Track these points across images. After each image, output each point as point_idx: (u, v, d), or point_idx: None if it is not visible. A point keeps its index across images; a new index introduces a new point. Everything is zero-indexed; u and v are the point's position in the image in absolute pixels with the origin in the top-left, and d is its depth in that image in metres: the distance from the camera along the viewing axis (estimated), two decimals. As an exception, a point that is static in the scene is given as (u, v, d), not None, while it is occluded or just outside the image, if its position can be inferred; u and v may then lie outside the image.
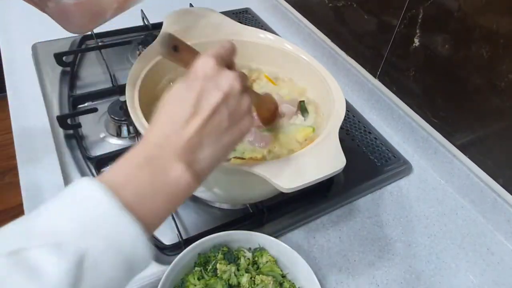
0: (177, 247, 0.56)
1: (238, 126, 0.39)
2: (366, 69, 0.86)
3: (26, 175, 0.64)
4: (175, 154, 0.35)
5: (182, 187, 0.35)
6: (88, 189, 0.31)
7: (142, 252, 0.31)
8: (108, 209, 0.30)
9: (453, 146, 0.72)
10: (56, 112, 0.74)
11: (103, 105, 0.75)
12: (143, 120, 0.51)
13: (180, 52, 0.41)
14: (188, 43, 0.43)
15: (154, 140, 0.36)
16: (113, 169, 0.34)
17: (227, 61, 0.41)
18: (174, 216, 0.59)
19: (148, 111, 0.58)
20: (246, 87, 0.40)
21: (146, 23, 0.95)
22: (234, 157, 0.55)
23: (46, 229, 0.29)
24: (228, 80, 0.37)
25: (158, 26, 0.70)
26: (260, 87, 0.68)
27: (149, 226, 0.32)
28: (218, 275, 0.50)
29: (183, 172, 0.35)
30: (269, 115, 0.60)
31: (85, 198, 0.30)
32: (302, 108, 0.64)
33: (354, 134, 0.80)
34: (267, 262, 0.52)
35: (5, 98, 0.77)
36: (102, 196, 0.30)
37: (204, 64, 0.37)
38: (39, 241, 0.28)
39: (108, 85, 0.79)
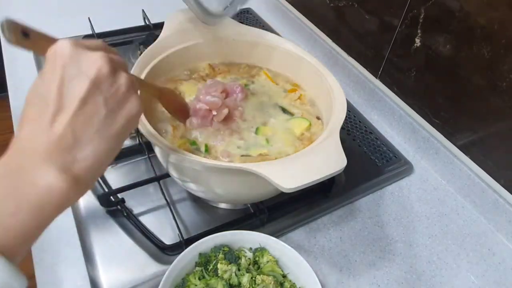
0: (178, 247, 0.56)
1: (123, 111, 0.33)
2: (367, 69, 0.86)
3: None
4: (42, 158, 0.29)
5: (56, 195, 0.29)
6: None
7: (3, 280, 0.26)
8: None
9: (454, 146, 0.72)
10: (57, 111, 0.74)
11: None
12: (144, 119, 0.51)
13: (32, 38, 0.35)
14: (189, 43, 0.43)
15: (15, 146, 0.30)
16: None
17: (89, 47, 0.34)
18: (175, 216, 0.59)
19: (149, 111, 0.58)
20: (120, 65, 0.34)
21: (147, 23, 0.95)
22: (242, 155, 0.55)
23: None
24: (93, 62, 0.32)
25: (159, 26, 0.70)
26: (261, 85, 0.68)
27: (12, 247, 0.27)
28: (219, 275, 0.50)
29: (55, 177, 0.29)
30: (180, 107, 0.56)
31: None
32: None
33: (355, 134, 0.80)
34: (268, 262, 0.52)
35: (6, 97, 0.77)
36: None
37: (61, 49, 0.32)
38: None
39: (109, 85, 0.79)
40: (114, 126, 0.32)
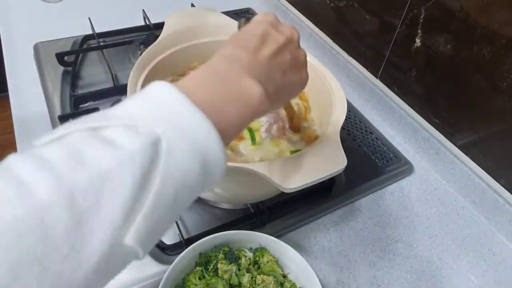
0: (178, 247, 0.56)
1: (298, 72, 0.41)
2: (367, 69, 0.86)
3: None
4: (248, 69, 0.35)
5: (255, 98, 0.34)
6: (159, 90, 0.30)
7: (215, 152, 0.30)
8: (180, 106, 0.29)
9: (455, 146, 0.72)
10: (58, 112, 0.74)
11: (104, 105, 0.75)
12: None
13: None
14: (189, 43, 0.44)
15: (225, 59, 0.36)
16: (185, 79, 0.33)
17: None
18: (175, 216, 0.59)
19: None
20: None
21: (148, 23, 0.95)
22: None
23: (122, 114, 0.29)
24: (288, 29, 0.40)
25: (160, 26, 0.70)
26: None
27: (220, 131, 0.30)
28: (219, 275, 0.50)
29: (256, 85, 0.34)
30: (297, 124, 0.63)
31: (156, 96, 0.30)
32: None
33: (355, 134, 0.80)
34: (268, 262, 0.52)
35: (7, 97, 0.77)
36: (174, 95, 0.29)
37: (266, 16, 0.40)
38: (115, 122, 0.27)
39: (109, 85, 0.79)
40: (292, 78, 0.40)
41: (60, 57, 0.82)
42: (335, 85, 0.61)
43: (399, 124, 0.81)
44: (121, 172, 0.25)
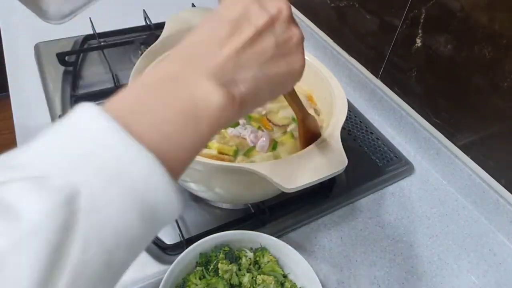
0: (179, 247, 0.56)
1: (286, 60, 0.32)
2: (368, 69, 0.86)
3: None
4: (205, 71, 0.28)
5: (212, 108, 0.27)
6: (81, 117, 0.24)
7: (161, 192, 0.24)
8: (108, 138, 0.23)
9: (455, 146, 0.71)
10: (58, 111, 0.74)
11: (105, 105, 0.74)
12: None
13: None
14: None
15: (181, 56, 0.30)
16: (123, 92, 0.27)
17: None
18: (176, 216, 0.59)
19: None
20: (296, 22, 0.34)
21: (148, 23, 0.95)
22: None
23: (30, 160, 0.23)
24: (275, 3, 0.31)
25: (161, 26, 0.70)
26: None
27: (170, 160, 0.25)
28: (219, 275, 0.50)
29: (213, 90, 0.27)
30: (313, 138, 0.53)
31: (78, 126, 0.24)
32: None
33: (356, 134, 0.80)
34: (268, 262, 0.52)
35: (7, 97, 0.77)
36: (100, 122, 0.23)
37: None
38: (18, 174, 0.22)
39: (110, 84, 0.80)
40: (276, 70, 0.32)
41: (61, 57, 0.83)
42: (336, 85, 0.61)
43: (399, 124, 0.81)
44: (18, 255, 0.19)
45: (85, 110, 0.24)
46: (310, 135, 0.53)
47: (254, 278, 0.50)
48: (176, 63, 0.29)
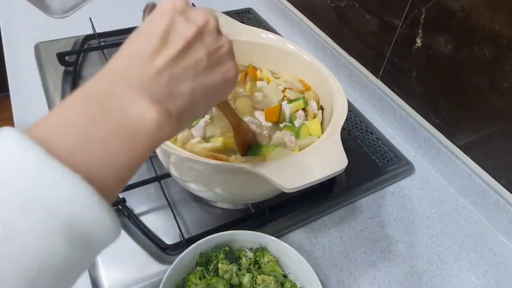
0: (179, 247, 0.56)
1: (220, 69, 0.32)
2: (368, 69, 0.86)
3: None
4: (136, 86, 0.27)
5: (147, 126, 0.27)
6: (1, 142, 0.23)
7: (91, 213, 0.23)
8: (28, 163, 0.22)
9: (455, 146, 0.71)
10: (58, 111, 0.74)
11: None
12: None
13: None
14: None
15: (107, 71, 0.29)
16: (53, 111, 0.26)
17: None
18: (176, 216, 0.59)
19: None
20: (222, 32, 0.34)
21: (148, 23, 0.95)
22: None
23: None
24: (201, 15, 0.31)
25: (160, 26, 0.70)
26: (261, 85, 0.68)
27: (103, 180, 0.24)
28: (219, 275, 0.50)
29: (148, 106, 0.27)
30: (247, 144, 0.56)
31: None
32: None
33: (356, 134, 0.80)
34: (268, 262, 0.52)
35: (8, 97, 0.77)
36: (18, 147, 0.22)
37: (173, 2, 0.31)
38: None
39: (110, 85, 0.79)
40: (211, 79, 0.32)
41: (61, 57, 0.83)
42: (336, 85, 0.61)
43: (399, 124, 0.81)
44: None
45: (6, 136, 0.23)
46: (246, 140, 0.55)
47: (254, 278, 0.50)
48: (106, 80, 0.28)
